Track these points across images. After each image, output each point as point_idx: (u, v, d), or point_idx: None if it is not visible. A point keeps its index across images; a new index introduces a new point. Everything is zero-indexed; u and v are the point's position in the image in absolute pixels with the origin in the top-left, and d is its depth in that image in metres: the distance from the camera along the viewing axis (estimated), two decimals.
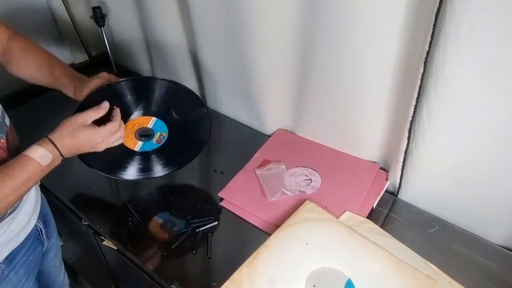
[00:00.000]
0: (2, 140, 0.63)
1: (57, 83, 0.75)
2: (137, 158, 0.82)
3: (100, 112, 0.68)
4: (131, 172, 0.83)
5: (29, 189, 0.62)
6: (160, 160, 0.84)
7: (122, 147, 0.78)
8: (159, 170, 0.84)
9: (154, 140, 0.81)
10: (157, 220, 0.82)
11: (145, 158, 0.82)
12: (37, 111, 1.16)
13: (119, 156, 0.81)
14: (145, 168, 0.83)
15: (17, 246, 0.71)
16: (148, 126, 0.79)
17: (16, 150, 0.68)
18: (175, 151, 0.84)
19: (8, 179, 0.57)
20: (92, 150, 0.69)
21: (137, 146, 0.80)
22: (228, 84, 1.04)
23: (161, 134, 0.81)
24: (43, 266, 0.86)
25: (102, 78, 0.75)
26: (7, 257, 0.69)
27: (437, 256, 0.72)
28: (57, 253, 0.91)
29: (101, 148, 0.69)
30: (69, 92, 0.74)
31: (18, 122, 0.73)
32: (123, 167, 0.82)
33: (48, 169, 0.62)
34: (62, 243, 0.93)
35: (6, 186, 0.57)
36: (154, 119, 0.79)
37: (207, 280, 0.70)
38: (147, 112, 0.79)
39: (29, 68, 0.75)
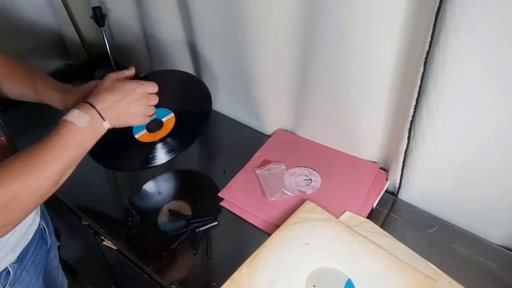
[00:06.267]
0: (2, 138, 0.63)
1: (43, 97, 0.73)
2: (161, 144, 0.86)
3: (131, 71, 0.69)
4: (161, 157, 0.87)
5: (72, 160, 0.57)
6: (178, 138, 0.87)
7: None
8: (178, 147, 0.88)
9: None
10: (157, 220, 0.82)
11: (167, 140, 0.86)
12: (30, 115, 1.15)
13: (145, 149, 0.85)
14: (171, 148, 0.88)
15: (26, 245, 0.71)
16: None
17: (16, 150, 0.68)
18: (186, 125, 0.87)
19: (48, 146, 0.54)
20: (133, 104, 0.65)
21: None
22: (228, 84, 1.04)
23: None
24: (45, 266, 0.86)
25: (88, 87, 0.72)
26: (18, 257, 0.69)
27: (437, 256, 0.72)
28: (56, 253, 0.91)
29: (141, 100, 0.66)
30: (57, 103, 0.72)
31: (11, 126, 0.72)
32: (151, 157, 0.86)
33: (89, 134, 0.59)
34: (59, 243, 0.93)
35: (47, 155, 0.53)
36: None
37: (207, 280, 0.70)
38: None
39: (10, 83, 0.72)
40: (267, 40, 0.84)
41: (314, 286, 0.66)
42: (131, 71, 0.70)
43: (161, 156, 0.86)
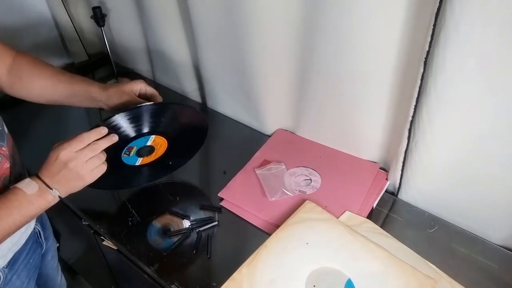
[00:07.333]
0: (3, 148, 0.63)
1: (83, 94, 0.72)
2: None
3: (80, 142, 0.61)
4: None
5: (12, 226, 0.57)
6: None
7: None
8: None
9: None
10: (157, 220, 0.82)
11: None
12: (32, 115, 1.15)
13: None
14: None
15: (18, 250, 0.71)
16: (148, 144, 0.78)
17: (14, 160, 0.68)
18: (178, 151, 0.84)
19: None
20: (76, 172, 0.60)
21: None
22: (228, 84, 1.04)
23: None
24: (42, 268, 0.86)
25: (125, 87, 0.73)
26: (9, 261, 0.69)
27: (437, 256, 0.72)
28: (54, 255, 0.91)
29: (79, 169, 0.60)
30: (101, 98, 0.72)
31: (13, 127, 0.71)
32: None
33: (38, 202, 0.59)
34: (58, 244, 0.93)
35: None
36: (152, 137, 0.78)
37: (207, 280, 0.70)
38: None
39: (42, 80, 0.71)
40: (267, 40, 0.84)
41: (314, 286, 0.66)
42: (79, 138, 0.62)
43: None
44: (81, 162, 0.60)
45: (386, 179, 0.87)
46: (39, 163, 0.61)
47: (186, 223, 0.80)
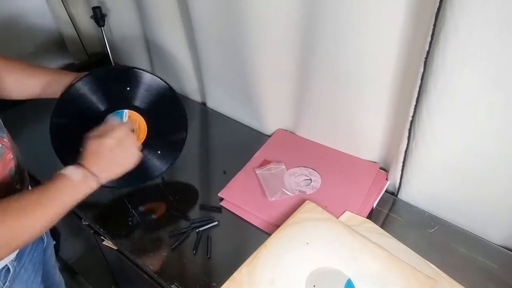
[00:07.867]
0: (5, 139, 0.63)
1: (55, 82, 0.73)
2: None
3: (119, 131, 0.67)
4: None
5: (62, 207, 0.59)
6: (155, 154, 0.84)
7: None
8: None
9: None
10: (157, 220, 0.82)
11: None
12: (32, 115, 1.14)
13: None
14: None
15: None
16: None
17: (15, 152, 0.68)
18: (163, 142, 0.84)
19: (44, 191, 0.57)
20: (117, 155, 0.66)
21: None
22: (228, 84, 1.04)
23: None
24: (43, 265, 0.86)
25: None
26: (17, 255, 0.69)
27: (437, 256, 0.72)
28: (52, 252, 0.91)
29: (127, 150, 0.67)
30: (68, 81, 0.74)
31: (13, 127, 0.72)
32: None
33: (82, 187, 0.62)
34: (54, 242, 0.93)
35: (41, 198, 0.57)
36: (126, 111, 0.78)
37: (207, 280, 0.70)
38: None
39: (15, 75, 0.72)
40: (267, 40, 0.84)
41: (314, 286, 0.66)
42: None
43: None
44: (124, 148, 0.67)
45: (386, 179, 0.87)
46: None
47: (186, 223, 0.80)
